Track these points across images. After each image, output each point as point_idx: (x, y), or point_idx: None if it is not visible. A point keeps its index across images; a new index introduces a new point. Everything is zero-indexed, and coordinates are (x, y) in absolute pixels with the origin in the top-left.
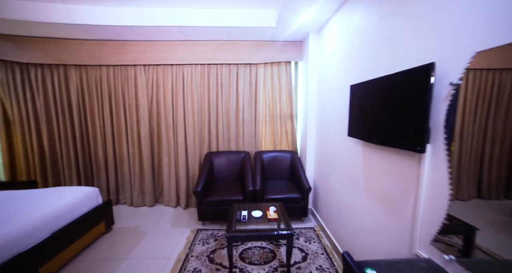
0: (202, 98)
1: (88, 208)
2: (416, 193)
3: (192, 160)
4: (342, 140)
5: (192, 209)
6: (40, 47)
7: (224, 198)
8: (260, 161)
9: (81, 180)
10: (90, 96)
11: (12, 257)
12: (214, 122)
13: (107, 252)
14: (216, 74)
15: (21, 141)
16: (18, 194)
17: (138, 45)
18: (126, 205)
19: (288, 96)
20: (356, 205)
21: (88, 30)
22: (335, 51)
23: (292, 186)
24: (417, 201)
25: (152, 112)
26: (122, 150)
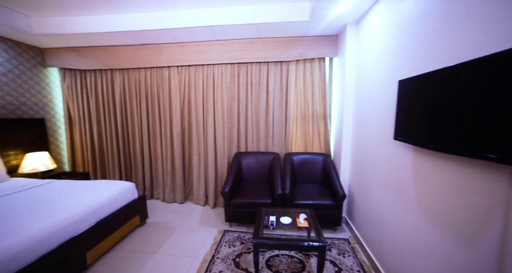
0: (232, 97)
1: (126, 201)
2: (506, 219)
3: (221, 159)
4: (385, 144)
5: (220, 209)
6: (93, 55)
7: (251, 201)
8: (290, 163)
9: (122, 175)
10: (131, 97)
11: (66, 240)
12: (244, 122)
13: (140, 245)
14: (246, 73)
15: (79, 138)
16: (75, 184)
17: (172, 48)
18: (159, 200)
19: (322, 95)
20: (403, 221)
21: (130, 36)
22: (378, 44)
23: (324, 191)
24: (509, 231)
25: (184, 111)
26: (156, 148)
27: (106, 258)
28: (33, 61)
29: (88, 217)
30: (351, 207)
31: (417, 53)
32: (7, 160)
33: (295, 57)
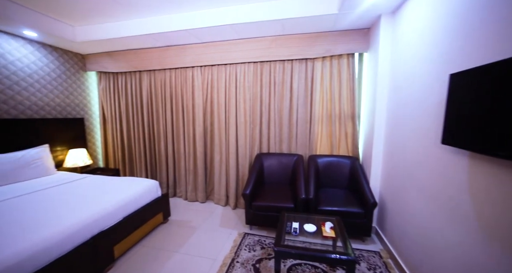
0: (254, 97)
1: (150, 199)
2: None
3: (243, 160)
4: (430, 149)
5: (241, 210)
6: (125, 58)
7: (273, 204)
8: (315, 166)
9: (148, 172)
10: (156, 97)
11: (97, 233)
12: (266, 122)
13: (162, 242)
14: (269, 72)
15: (111, 136)
16: (105, 180)
17: (196, 48)
18: (182, 198)
19: (350, 94)
20: (455, 242)
21: (157, 38)
22: (421, 35)
23: (352, 198)
24: None
25: (206, 111)
26: (180, 147)
27: (131, 252)
28: (76, 67)
29: (116, 212)
30: (383, 216)
31: (478, 41)
32: (55, 155)
33: (322, 53)
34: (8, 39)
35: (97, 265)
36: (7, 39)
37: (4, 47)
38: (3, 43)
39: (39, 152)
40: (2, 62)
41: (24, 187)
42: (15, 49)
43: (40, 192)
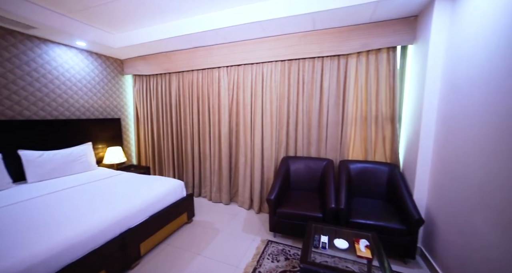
0: (281, 97)
1: (175, 199)
2: None
3: (268, 163)
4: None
5: (265, 215)
6: (156, 61)
7: (299, 213)
8: (346, 173)
9: (175, 171)
10: (184, 98)
11: (125, 230)
12: (293, 123)
13: (186, 243)
14: (298, 70)
15: (143, 135)
16: (136, 178)
17: (222, 48)
18: (206, 199)
19: (389, 93)
20: None
21: (185, 40)
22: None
23: (390, 211)
24: None
25: (232, 112)
26: (205, 147)
27: (156, 251)
28: (115, 71)
29: (144, 210)
30: (432, 236)
31: None
32: (96, 152)
33: (357, 48)
34: (66, 50)
35: (125, 260)
36: (64, 50)
37: (62, 57)
38: (62, 53)
39: (84, 149)
40: (60, 70)
41: (72, 180)
42: (70, 58)
43: (83, 186)
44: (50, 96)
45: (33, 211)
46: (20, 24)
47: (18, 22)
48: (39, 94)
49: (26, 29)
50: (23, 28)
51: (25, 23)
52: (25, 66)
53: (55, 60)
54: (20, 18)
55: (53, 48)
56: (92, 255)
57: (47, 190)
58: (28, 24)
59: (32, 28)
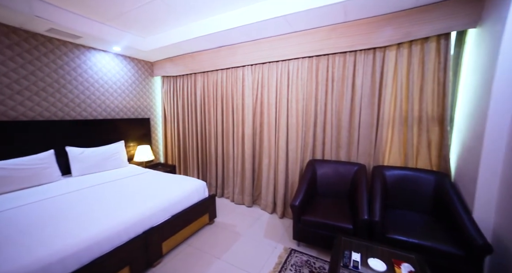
0: (309, 96)
1: (197, 199)
2: None
3: (293, 166)
4: None
5: (288, 220)
6: (183, 61)
7: (327, 222)
8: (381, 180)
9: (199, 170)
10: (208, 98)
11: (148, 228)
12: (321, 124)
13: (207, 244)
14: (327, 67)
15: (170, 135)
16: (161, 176)
17: (246, 46)
18: (229, 200)
19: (438, 89)
20: None
21: (209, 39)
22: None
23: (440, 228)
24: None
25: (256, 112)
26: (229, 148)
27: (177, 250)
28: (146, 73)
29: (166, 210)
30: (504, 268)
31: None
32: (128, 150)
33: (397, 39)
34: (104, 55)
35: (148, 258)
36: (103, 56)
37: (101, 61)
38: (101, 59)
39: (117, 147)
40: (99, 74)
41: (106, 176)
42: (107, 62)
43: (114, 182)
44: (91, 98)
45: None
46: (70, 35)
47: (69, 33)
48: (82, 96)
49: (74, 38)
50: (72, 38)
51: (74, 34)
52: (73, 72)
53: (96, 65)
54: (69, 29)
55: (94, 54)
56: (117, 251)
57: (85, 184)
58: (75, 34)
59: (78, 38)
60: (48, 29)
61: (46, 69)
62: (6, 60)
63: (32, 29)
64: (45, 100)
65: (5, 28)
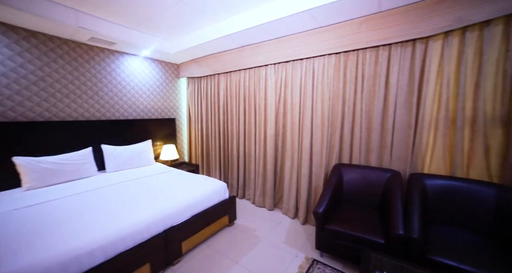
0: (335, 95)
1: (217, 200)
2: None
3: (317, 170)
4: None
5: (311, 227)
6: (206, 62)
7: (354, 234)
8: (421, 190)
9: (221, 170)
10: (231, 98)
11: (168, 227)
12: (349, 125)
13: (226, 247)
14: (356, 63)
15: (194, 134)
16: (184, 175)
17: (269, 45)
18: (250, 202)
19: (502, 84)
20: None
21: (233, 39)
22: None
23: (504, 255)
24: None
25: (278, 112)
26: (251, 148)
27: (197, 251)
28: (172, 75)
29: (186, 210)
30: None
31: None
32: (155, 149)
33: (445, 26)
34: (135, 59)
35: (168, 256)
36: (134, 60)
37: (132, 65)
38: (132, 63)
39: (145, 146)
40: (130, 77)
41: (134, 173)
42: (137, 66)
43: (140, 179)
44: (123, 100)
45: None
46: (107, 42)
47: (106, 41)
48: (116, 98)
49: (110, 45)
50: (108, 45)
51: (110, 41)
52: (108, 76)
53: (128, 69)
54: (106, 37)
55: (127, 59)
56: (140, 247)
57: (116, 180)
58: (111, 41)
59: (113, 44)
60: (90, 38)
61: (88, 74)
62: (59, 68)
63: (77, 39)
64: (86, 102)
65: (58, 40)
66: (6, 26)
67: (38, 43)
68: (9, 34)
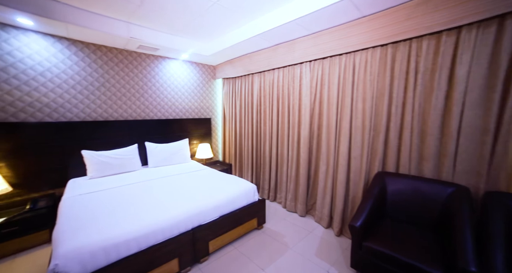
0: (380, 94)
1: (246, 202)
2: None
3: (356, 177)
4: None
5: (347, 241)
6: (240, 63)
7: (401, 258)
8: (506, 215)
9: (253, 171)
10: (265, 98)
11: (197, 226)
12: (396, 128)
13: (253, 251)
14: (408, 56)
15: (228, 134)
16: (216, 174)
17: (305, 41)
18: (281, 205)
19: None
20: None
21: (267, 37)
22: None
23: None
24: None
25: (314, 113)
26: (283, 150)
27: (223, 251)
28: (209, 76)
29: (215, 210)
30: None
31: None
32: (191, 147)
33: None
34: (176, 62)
35: (195, 254)
36: (175, 63)
37: (173, 68)
38: (173, 66)
39: (182, 144)
40: (171, 79)
41: (172, 169)
42: (178, 69)
43: (176, 176)
44: (164, 101)
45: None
46: (152, 48)
47: (151, 47)
48: (158, 99)
49: (154, 51)
50: (152, 51)
51: (154, 47)
52: (152, 79)
53: (169, 72)
54: (151, 44)
55: (168, 63)
56: (169, 242)
57: (156, 175)
58: (155, 47)
59: (156, 50)
60: (138, 46)
61: (136, 79)
62: (115, 75)
63: (129, 48)
64: (133, 104)
65: (115, 50)
66: (82, 43)
67: (102, 55)
68: (84, 50)
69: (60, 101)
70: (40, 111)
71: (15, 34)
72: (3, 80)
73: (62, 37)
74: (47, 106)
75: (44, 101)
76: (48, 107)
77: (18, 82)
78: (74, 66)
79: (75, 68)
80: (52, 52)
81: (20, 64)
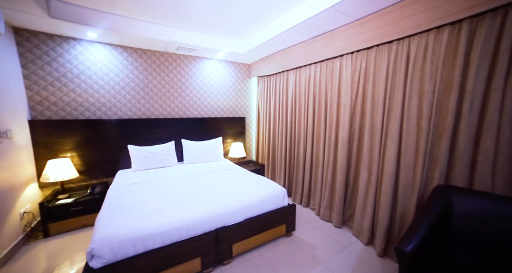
0: (445, 87)
1: (274, 207)
2: None
3: (406, 189)
4: None
5: (392, 263)
6: (274, 60)
7: None
8: None
9: (286, 173)
10: (300, 96)
11: (220, 227)
12: (469, 131)
13: (278, 260)
14: (498, 31)
15: (261, 134)
16: (246, 175)
17: (347, 30)
18: (314, 212)
19: None
20: None
21: (303, 28)
22: None
23: None
24: None
25: (355, 112)
26: (319, 153)
27: (247, 256)
28: (244, 75)
29: (240, 212)
30: None
31: None
32: (225, 146)
33: None
34: (212, 62)
35: (219, 255)
36: (211, 63)
37: (209, 67)
38: (209, 65)
39: (216, 142)
40: (207, 79)
41: (205, 167)
42: (214, 68)
43: (208, 174)
44: (200, 100)
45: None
46: (189, 49)
47: (188, 48)
48: (195, 98)
49: (191, 52)
50: (190, 52)
51: (191, 48)
52: (189, 79)
53: (205, 72)
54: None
55: (205, 62)
56: (193, 240)
57: (189, 172)
58: (192, 48)
59: (193, 50)
60: (177, 48)
61: (175, 79)
62: (157, 76)
63: (169, 50)
64: (172, 102)
65: (158, 53)
66: (131, 49)
67: (146, 58)
68: (132, 55)
69: (113, 101)
70: (99, 110)
71: (86, 46)
72: (77, 85)
73: (117, 45)
74: (104, 106)
75: (102, 101)
76: (105, 106)
77: (86, 86)
78: (125, 69)
79: (125, 71)
80: (109, 58)
81: (88, 71)
